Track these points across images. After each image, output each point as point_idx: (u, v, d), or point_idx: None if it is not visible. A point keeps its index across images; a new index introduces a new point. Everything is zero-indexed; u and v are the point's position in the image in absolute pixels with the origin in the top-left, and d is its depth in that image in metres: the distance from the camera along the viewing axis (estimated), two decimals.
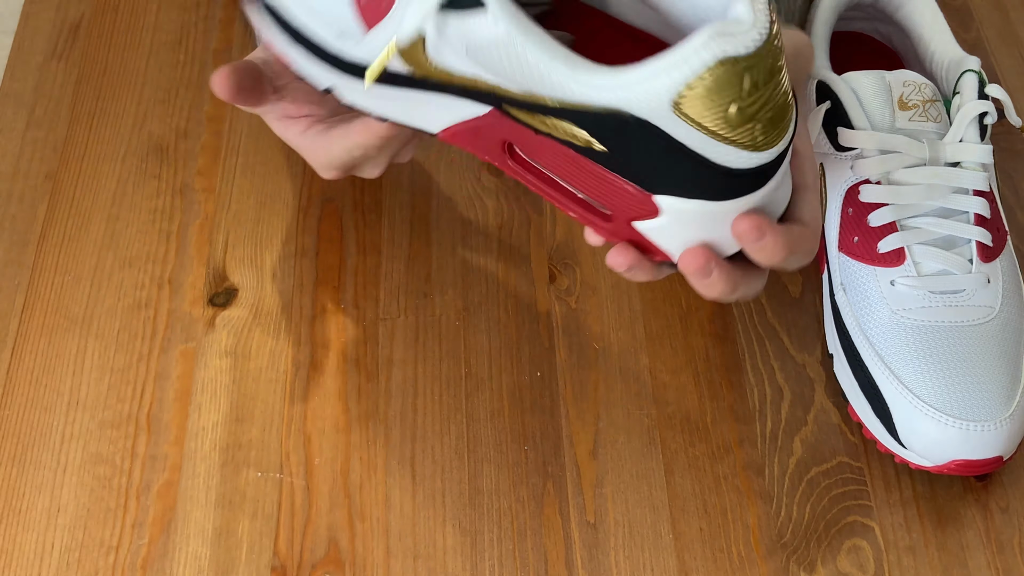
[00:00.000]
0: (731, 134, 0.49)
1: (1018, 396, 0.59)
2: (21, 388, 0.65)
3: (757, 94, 0.48)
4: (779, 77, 0.49)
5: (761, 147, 0.50)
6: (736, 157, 0.50)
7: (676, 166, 0.51)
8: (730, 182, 0.51)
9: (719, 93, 0.48)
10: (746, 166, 0.50)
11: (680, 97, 0.48)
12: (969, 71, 0.65)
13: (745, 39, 0.48)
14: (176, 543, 0.60)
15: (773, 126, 0.50)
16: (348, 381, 0.65)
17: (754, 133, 0.49)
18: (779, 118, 0.50)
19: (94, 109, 0.78)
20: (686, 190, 0.52)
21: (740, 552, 0.60)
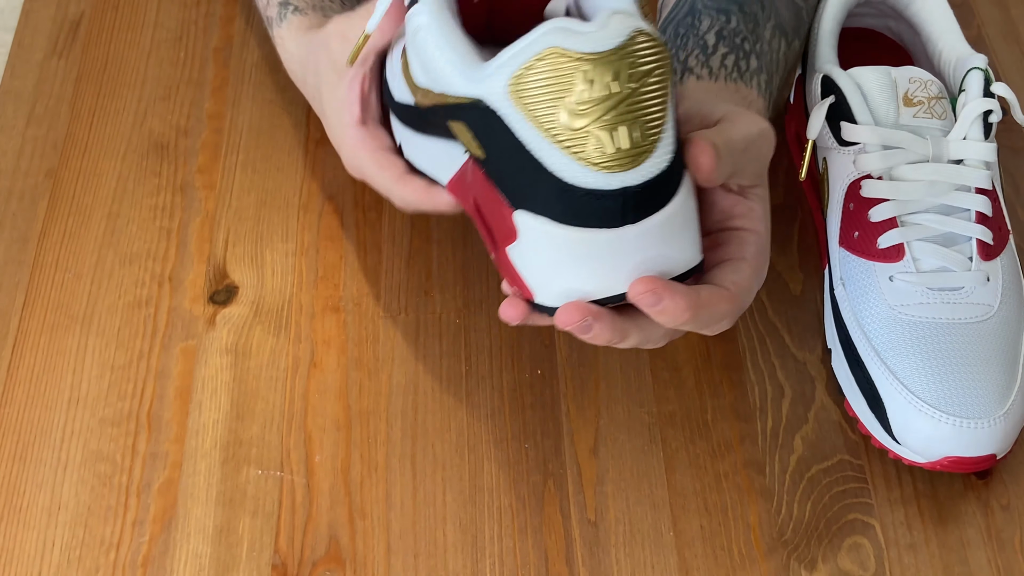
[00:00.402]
0: (563, 137, 0.48)
1: (1013, 394, 0.59)
2: (22, 385, 0.65)
3: (592, 99, 0.47)
4: (632, 95, 0.48)
5: (605, 165, 0.48)
6: (576, 171, 0.48)
7: (524, 172, 0.49)
8: (578, 204, 0.49)
9: (548, 85, 0.48)
10: (590, 186, 0.48)
11: (514, 82, 0.48)
12: (975, 69, 0.65)
13: (586, 38, 0.47)
14: (177, 541, 0.60)
15: (618, 142, 0.48)
16: (349, 378, 0.65)
17: (590, 143, 0.48)
18: (628, 138, 0.48)
19: (94, 106, 0.78)
20: (537, 205, 0.50)
21: (741, 550, 0.60)
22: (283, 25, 0.69)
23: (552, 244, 0.50)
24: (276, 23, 0.69)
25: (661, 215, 0.49)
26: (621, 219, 0.49)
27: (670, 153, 0.49)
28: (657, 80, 0.48)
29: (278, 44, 0.70)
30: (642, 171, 0.48)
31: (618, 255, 0.50)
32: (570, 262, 0.50)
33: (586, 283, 0.50)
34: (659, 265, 0.50)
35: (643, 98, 0.48)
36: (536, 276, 0.51)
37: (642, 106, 0.48)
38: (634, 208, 0.49)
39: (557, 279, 0.51)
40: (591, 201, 0.48)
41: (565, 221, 0.49)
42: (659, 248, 0.50)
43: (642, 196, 0.49)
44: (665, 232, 0.50)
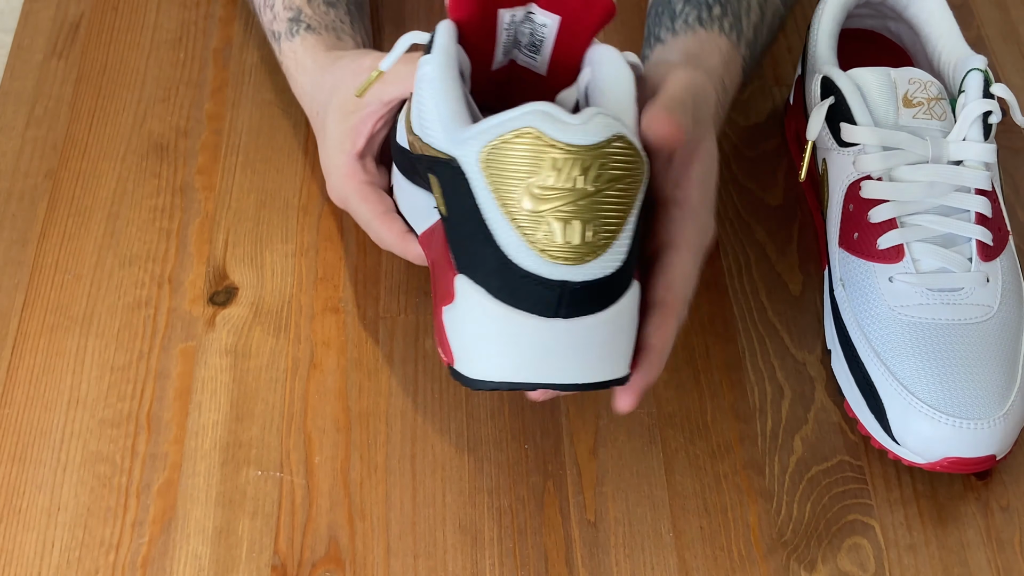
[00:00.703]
0: (519, 216, 0.48)
1: (1013, 395, 0.59)
2: (21, 386, 0.65)
3: (555, 187, 0.48)
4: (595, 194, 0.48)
5: (551, 255, 0.48)
6: (522, 252, 0.48)
7: (474, 239, 0.50)
8: (516, 284, 0.49)
9: (518, 162, 0.48)
10: (531, 270, 0.48)
11: (488, 150, 0.49)
12: (975, 70, 0.65)
13: (565, 128, 0.48)
14: (176, 542, 0.60)
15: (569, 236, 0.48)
16: (348, 379, 0.65)
17: (541, 229, 0.48)
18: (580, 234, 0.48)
19: (94, 107, 0.78)
20: (478, 274, 0.50)
21: (740, 550, 0.59)
22: (295, 40, 0.70)
23: (482, 315, 0.50)
24: (286, 37, 0.70)
25: (595, 319, 0.49)
26: (554, 311, 0.49)
27: (619, 262, 0.49)
28: (624, 188, 0.49)
29: (287, 56, 0.70)
30: (585, 270, 0.48)
31: (542, 346, 0.50)
32: (494, 339, 0.50)
33: (504, 364, 0.50)
34: (580, 369, 0.50)
35: (605, 201, 0.48)
36: (460, 343, 0.52)
37: (603, 208, 0.48)
38: (569, 304, 0.49)
39: (478, 352, 0.51)
40: (528, 285, 0.49)
41: (500, 297, 0.49)
42: (585, 351, 0.50)
43: (580, 295, 0.49)
44: (595, 337, 0.50)
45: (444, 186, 0.52)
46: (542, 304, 0.49)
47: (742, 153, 0.75)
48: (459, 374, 0.52)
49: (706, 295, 0.69)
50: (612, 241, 0.49)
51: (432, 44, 0.54)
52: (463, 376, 0.52)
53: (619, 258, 0.49)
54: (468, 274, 0.51)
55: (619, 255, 0.49)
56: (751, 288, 0.69)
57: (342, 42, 0.69)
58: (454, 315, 0.52)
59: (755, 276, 0.70)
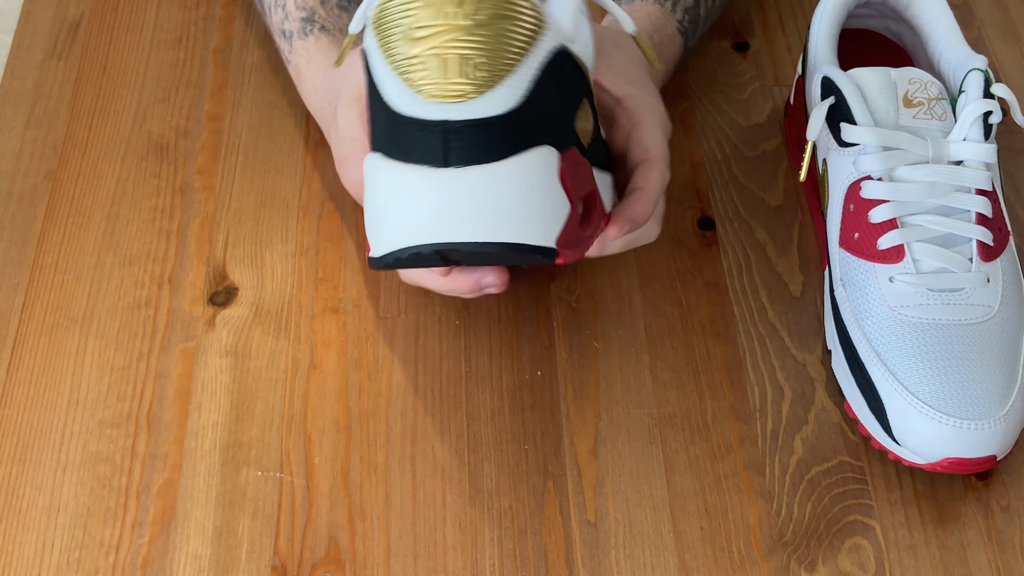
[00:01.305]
0: (402, 64, 0.46)
1: (1013, 395, 0.59)
2: (21, 387, 0.65)
3: (431, 24, 0.46)
4: (475, 27, 0.46)
5: (428, 93, 0.46)
6: (403, 98, 0.46)
7: (375, 109, 0.48)
8: (402, 134, 0.46)
9: (399, 10, 0.46)
10: (412, 114, 0.46)
11: (376, 13, 0.47)
12: (975, 70, 0.65)
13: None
14: (176, 542, 0.60)
15: (447, 72, 0.46)
16: (348, 380, 0.65)
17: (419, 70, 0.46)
18: (458, 69, 0.46)
19: (94, 108, 0.78)
20: (377, 142, 0.48)
21: (741, 551, 0.59)
22: (308, 39, 0.70)
23: (380, 182, 0.48)
24: (299, 36, 0.71)
25: (490, 168, 0.47)
26: (442, 158, 0.46)
27: (510, 104, 0.47)
28: (512, 29, 0.46)
29: (298, 54, 0.70)
30: (468, 107, 0.46)
31: (435, 199, 0.47)
32: (391, 203, 0.48)
33: (400, 228, 0.48)
34: (481, 227, 0.47)
35: (486, 37, 0.46)
36: (370, 222, 0.49)
37: (483, 44, 0.46)
38: (457, 148, 0.46)
39: (381, 226, 0.48)
40: (412, 131, 0.46)
41: (392, 155, 0.47)
42: (484, 206, 0.47)
43: (467, 137, 0.46)
44: (494, 188, 0.47)
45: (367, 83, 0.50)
46: (429, 151, 0.46)
47: (742, 153, 0.75)
48: (371, 259, 0.50)
49: (706, 295, 0.69)
50: (498, 80, 0.46)
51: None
52: (372, 259, 0.49)
53: (511, 99, 0.46)
54: (373, 148, 0.49)
55: (511, 96, 0.46)
56: (751, 288, 0.69)
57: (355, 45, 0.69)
58: (366, 199, 0.50)
59: (755, 276, 0.69)
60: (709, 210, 0.72)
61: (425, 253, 0.48)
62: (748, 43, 0.81)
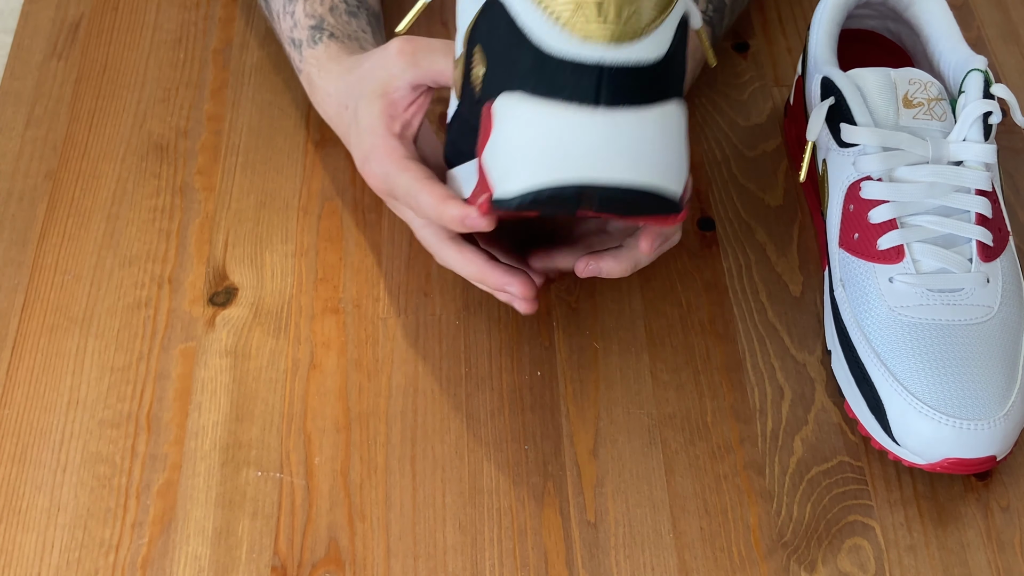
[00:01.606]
0: (555, 6, 0.46)
1: (1013, 396, 0.59)
2: (21, 387, 0.65)
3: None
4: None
5: (585, 34, 0.46)
6: (555, 38, 0.46)
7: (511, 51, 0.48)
8: (552, 74, 0.46)
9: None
10: (565, 55, 0.46)
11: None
12: (975, 70, 0.65)
13: None
14: (176, 543, 0.60)
15: (604, 14, 0.46)
16: (348, 380, 0.65)
17: (575, 10, 0.46)
18: (616, 12, 0.46)
19: (94, 108, 0.78)
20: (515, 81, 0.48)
21: (741, 551, 0.59)
22: (318, 47, 0.70)
23: (521, 120, 0.48)
24: (308, 44, 0.70)
25: (639, 113, 0.47)
26: (594, 96, 0.47)
27: (660, 52, 0.47)
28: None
29: (309, 63, 0.70)
30: (624, 51, 0.46)
31: (584, 137, 0.47)
32: (536, 138, 0.47)
33: (543, 164, 0.47)
34: (624, 167, 0.48)
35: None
36: (500, 165, 0.49)
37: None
38: (609, 90, 0.46)
39: (520, 160, 0.48)
40: (565, 71, 0.46)
41: (537, 92, 0.47)
42: (631, 147, 0.47)
43: (620, 80, 0.47)
44: (641, 132, 0.47)
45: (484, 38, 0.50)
46: (581, 91, 0.47)
47: (742, 153, 0.75)
48: (499, 201, 0.49)
49: (706, 295, 0.69)
50: (651, 28, 0.47)
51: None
52: (502, 200, 0.49)
53: (660, 48, 0.47)
54: (507, 88, 0.48)
55: (660, 45, 0.47)
56: (751, 289, 0.69)
57: (365, 51, 0.69)
58: (494, 143, 0.49)
59: (755, 277, 0.69)
60: (709, 210, 0.72)
61: (567, 194, 0.48)
62: (748, 43, 0.81)
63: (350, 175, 0.74)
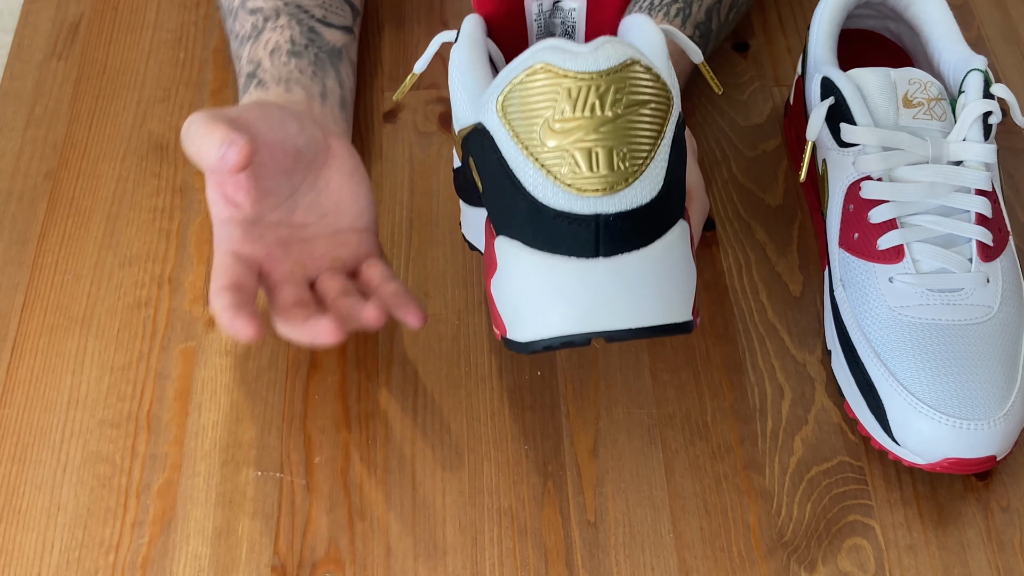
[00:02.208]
0: (544, 156, 0.47)
1: (1013, 395, 0.59)
2: (21, 387, 0.65)
3: (573, 117, 0.46)
4: (617, 119, 0.46)
5: (578, 187, 0.46)
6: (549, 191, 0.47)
7: (505, 193, 0.48)
8: (550, 228, 0.47)
9: (534, 101, 0.47)
10: (562, 207, 0.47)
11: (504, 97, 0.47)
12: (975, 70, 0.65)
13: (576, 57, 0.46)
14: (176, 542, 0.60)
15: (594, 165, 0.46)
16: (348, 380, 0.65)
17: (566, 163, 0.46)
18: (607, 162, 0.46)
19: (94, 108, 0.78)
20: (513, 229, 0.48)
21: (740, 551, 0.59)
22: (244, 99, 0.68)
23: (523, 270, 0.48)
24: (241, 93, 0.69)
25: (640, 255, 0.47)
26: (594, 249, 0.47)
27: (655, 191, 0.47)
28: (650, 113, 0.47)
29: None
30: (618, 200, 0.47)
31: (587, 291, 0.47)
32: (538, 292, 0.48)
33: (552, 318, 0.48)
34: (632, 312, 0.48)
35: (630, 126, 0.47)
36: (508, 308, 0.50)
37: (627, 134, 0.47)
38: (608, 239, 0.47)
39: (525, 312, 0.49)
40: (562, 225, 0.47)
41: (537, 246, 0.48)
42: (635, 292, 0.48)
43: (618, 227, 0.47)
44: (643, 276, 0.48)
45: (476, 157, 0.50)
46: (580, 244, 0.47)
47: (742, 153, 0.75)
48: (512, 342, 0.50)
49: (706, 295, 0.69)
50: (643, 168, 0.47)
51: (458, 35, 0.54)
52: (515, 343, 0.49)
53: (654, 187, 0.47)
54: (505, 233, 0.49)
55: (654, 184, 0.47)
56: (751, 288, 0.69)
57: (291, 93, 0.67)
58: (499, 281, 0.50)
59: (755, 276, 0.70)
60: (709, 210, 0.72)
61: (577, 341, 0.49)
62: (748, 43, 0.81)
63: None
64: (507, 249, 0.49)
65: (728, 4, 0.75)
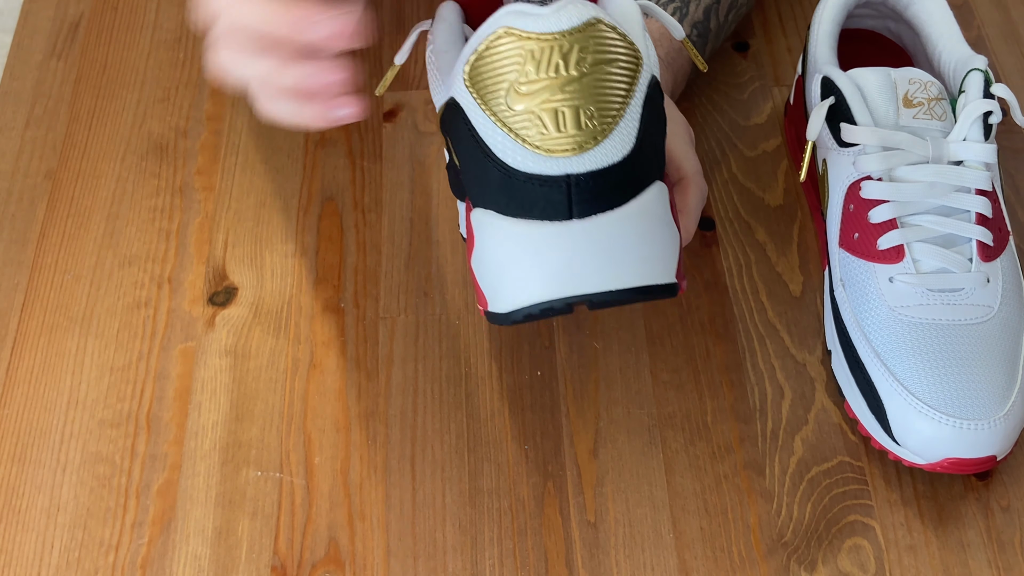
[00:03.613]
0: (511, 120, 0.46)
1: (1013, 395, 0.59)
2: (21, 387, 0.65)
3: (540, 79, 0.45)
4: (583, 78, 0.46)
5: (547, 148, 0.46)
6: (517, 154, 0.46)
7: (477, 163, 0.47)
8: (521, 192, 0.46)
9: (498, 66, 0.46)
10: (531, 170, 0.46)
11: (469, 66, 0.47)
12: (975, 70, 0.65)
13: (537, 19, 0.46)
14: (176, 542, 0.60)
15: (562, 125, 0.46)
16: (348, 380, 0.65)
17: (532, 125, 0.46)
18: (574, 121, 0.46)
19: (93, 108, 0.78)
20: (486, 199, 0.47)
21: (741, 551, 0.59)
22: None
23: (498, 240, 0.47)
24: None
25: (614, 215, 0.47)
26: (567, 211, 0.46)
27: (626, 149, 0.47)
28: (618, 72, 0.46)
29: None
30: (588, 159, 0.46)
31: (564, 254, 0.47)
32: (515, 260, 0.47)
33: (530, 285, 0.47)
34: (611, 274, 0.47)
35: (597, 85, 0.46)
36: (488, 280, 0.49)
37: (594, 93, 0.46)
38: (581, 200, 0.46)
39: (504, 282, 0.48)
40: (534, 189, 0.46)
41: (510, 213, 0.47)
42: (612, 253, 0.47)
43: (590, 187, 0.46)
44: (620, 235, 0.47)
45: (451, 134, 0.50)
46: (552, 206, 0.46)
47: (742, 153, 0.75)
48: (493, 315, 0.49)
49: (706, 295, 0.69)
50: (613, 126, 0.46)
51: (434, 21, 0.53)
52: (496, 315, 0.49)
53: (625, 145, 0.46)
54: (480, 204, 0.48)
55: (625, 142, 0.46)
56: (751, 288, 0.69)
57: None
58: (478, 254, 0.49)
59: (755, 276, 0.69)
60: (709, 210, 0.72)
61: (557, 306, 0.48)
62: (748, 43, 0.81)
63: (350, 175, 0.74)
64: (482, 219, 0.48)
65: (727, 4, 0.74)
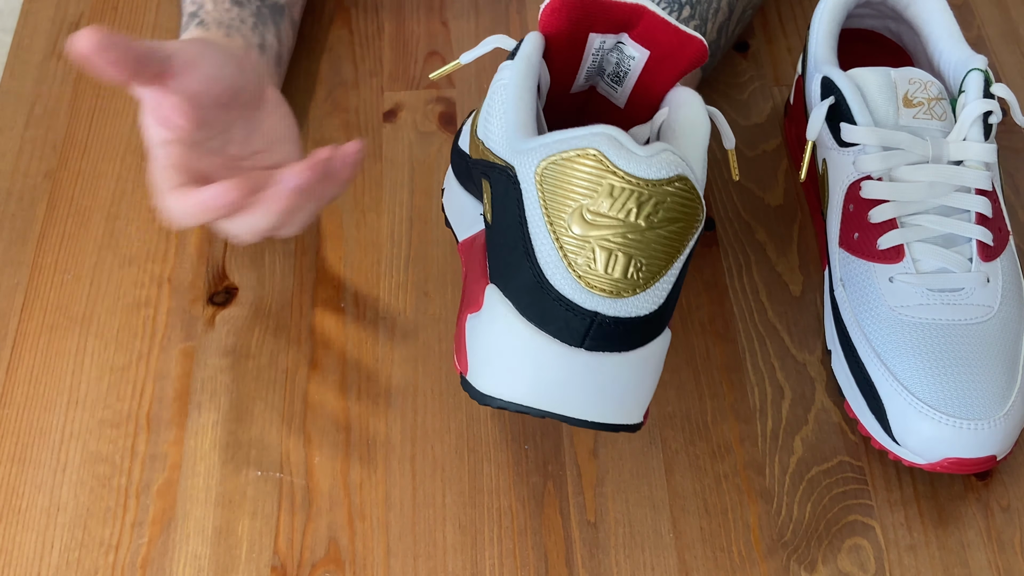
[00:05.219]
0: (565, 238, 0.47)
1: (1013, 395, 0.59)
2: (21, 387, 0.65)
3: (608, 216, 0.46)
4: (646, 230, 0.47)
5: (588, 282, 0.47)
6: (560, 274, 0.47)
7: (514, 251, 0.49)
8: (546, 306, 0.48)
9: (575, 182, 0.47)
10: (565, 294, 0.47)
11: (546, 164, 0.48)
12: (975, 70, 0.65)
13: (630, 157, 0.46)
14: (176, 542, 0.60)
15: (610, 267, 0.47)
16: (348, 380, 0.65)
17: (584, 254, 0.47)
18: (623, 268, 0.47)
19: (93, 107, 0.78)
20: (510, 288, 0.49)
21: (741, 551, 0.59)
22: (184, 35, 0.68)
23: (505, 331, 0.49)
24: (182, 31, 0.69)
25: (619, 358, 0.48)
26: (580, 341, 0.48)
27: (656, 305, 0.48)
28: (677, 232, 0.48)
29: None
30: (619, 305, 0.48)
31: (560, 375, 0.49)
32: (513, 357, 0.49)
33: (518, 385, 0.49)
34: (594, 406, 0.49)
35: (655, 240, 0.47)
36: (478, 354, 0.51)
37: (651, 247, 0.47)
38: (596, 337, 0.48)
39: (494, 367, 0.50)
40: (559, 309, 0.48)
41: (527, 316, 0.48)
42: (603, 390, 0.49)
43: (609, 329, 0.48)
44: (616, 377, 0.49)
45: (495, 193, 0.51)
46: (569, 332, 0.48)
47: (742, 153, 0.75)
48: (470, 386, 0.51)
49: (706, 295, 0.69)
50: (653, 283, 0.48)
51: (516, 51, 0.53)
52: (474, 389, 0.51)
53: (656, 301, 0.48)
54: (500, 285, 0.50)
55: (657, 298, 0.48)
56: (751, 288, 0.69)
57: (230, 39, 0.67)
58: (477, 325, 0.51)
59: (755, 276, 0.70)
60: (709, 210, 0.72)
61: (533, 413, 0.50)
62: (748, 43, 0.81)
63: None
64: (497, 305, 0.49)
65: (736, 20, 0.75)
